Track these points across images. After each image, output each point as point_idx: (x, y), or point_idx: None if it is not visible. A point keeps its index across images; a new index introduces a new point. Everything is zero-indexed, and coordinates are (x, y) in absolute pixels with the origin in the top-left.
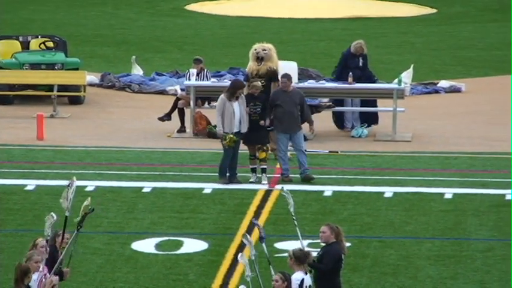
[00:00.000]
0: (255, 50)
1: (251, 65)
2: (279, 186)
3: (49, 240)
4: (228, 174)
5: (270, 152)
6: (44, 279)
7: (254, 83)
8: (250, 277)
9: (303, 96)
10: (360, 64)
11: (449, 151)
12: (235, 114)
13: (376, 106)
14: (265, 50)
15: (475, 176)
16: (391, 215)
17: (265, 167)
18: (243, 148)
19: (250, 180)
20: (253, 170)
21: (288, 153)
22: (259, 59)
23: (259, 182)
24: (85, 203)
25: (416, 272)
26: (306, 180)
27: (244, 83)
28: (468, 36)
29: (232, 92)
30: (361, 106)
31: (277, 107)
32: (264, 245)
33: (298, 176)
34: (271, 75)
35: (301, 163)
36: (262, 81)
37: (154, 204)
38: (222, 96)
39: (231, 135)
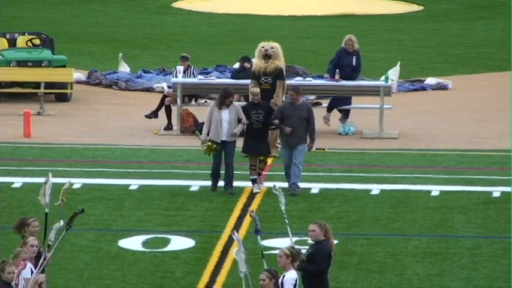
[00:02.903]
0: (263, 47)
1: (258, 63)
2: (267, 184)
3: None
4: (224, 182)
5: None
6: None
7: (251, 89)
8: (243, 273)
9: (311, 110)
10: (353, 63)
11: (436, 148)
12: (223, 123)
13: (350, 104)
14: (273, 48)
15: (462, 173)
16: (378, 213)
17: (261, 173)
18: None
19: (255, 191)
20: (254, 181)
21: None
22: (267, 56)
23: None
24: (65, 186)
25: (403, 269)
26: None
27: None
28: (455, 33)
29: (221, 101)
30: (335, 103)
31: (283, 120)
32: (259, 237)
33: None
34: (278, 74)
35: (292, 176)
36: (269, 79)
37: (141, 202)
38: (212, 103)
39: (209, 143)
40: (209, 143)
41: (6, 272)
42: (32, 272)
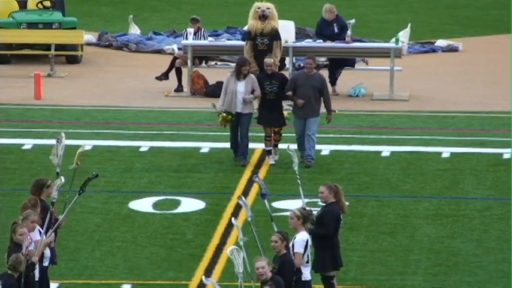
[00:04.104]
0: (259, 8)
1: (254, 24)
2: (281, 146)
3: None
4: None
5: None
6: (38, 237)
7: (266, 60)
8: (243, 241)
9: (325, 81)
10: (336, 31)
11: (447, 110)
12: (238, 94)
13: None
14: (269, 8)
15: (472, 135)
16: (388, 174)
17: (277, 144)
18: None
19: (270, 163)
20: (269, 152)
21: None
22: (264, 17)
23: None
24: (79, 150)
25: (414, 231)
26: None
27: (244, 43)
28: None
29: (237, 70)
30: (334, 73)
31: (296, 90)
32: (266, 201)
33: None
34: (274, 34)
35: (306, 147)
36: (266, 40)
37: (151, 164)
38: (229, 74)
39: (224, 114)
40: (224, 114)
41: (18, 233)
42: (40, 233)
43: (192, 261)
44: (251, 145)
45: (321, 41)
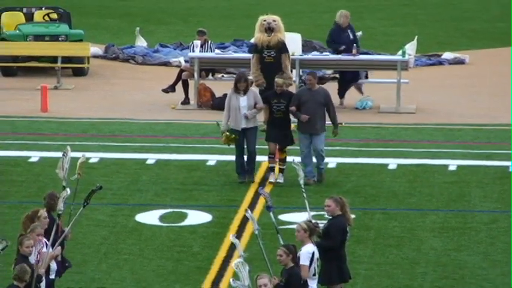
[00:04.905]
0: (265, 20)
1: (260, 37)
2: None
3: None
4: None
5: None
6: (44, 249)
7: (276, 79)
8: (243, 257)
9: (329, 95)
10: (351, 37)
11: (453, 123)
12: (241, 109)
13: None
14: (275, 20)
15: (479, 147)
16: (395, 187)
17: (283, 167)
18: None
19: (270, 180)
20: (272, 169)
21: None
22: (270, 29)
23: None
24: (80, 160)
25: (420, 243)
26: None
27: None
28: (472, 8)
29: (235, 86)
30: (344, 87)
31: (301, 106)
32: (271, 214)
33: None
34: (281, 47)
35: (315, 164)
36: (273, 53)
37: (158, 176)
38: (230, 91)
39: (227, 133)
40: (227, 133)
41: (24, 245)
42: (46, 245)
43: (199, 274)
44: (258, 158)
45: (328, 53)
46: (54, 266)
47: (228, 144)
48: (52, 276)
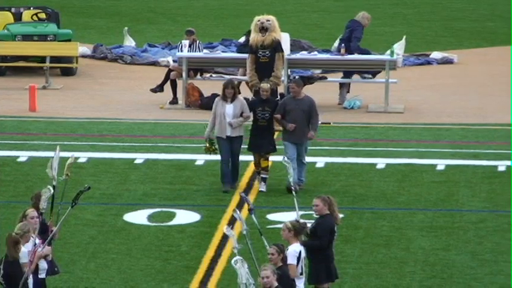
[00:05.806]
0: (259, 20)
1: (255, 37)
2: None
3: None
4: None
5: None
6: (38, 248)
7: (262, 84)
8: (237, 249)
9: (314, 104)
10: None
11: (442, 122)
12: (227, 117)
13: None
14: (269, 20)
15: (467, 147)
16: (383, 186)
17: (266, 176)
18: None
19: (261, 189)
20: (259, 173)
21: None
22: (264, 29)
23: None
24: (68, 161)
25: (409, 243)
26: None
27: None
28: (460, 7)
29: (222, 93)
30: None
31: (286, 115)
32: (253, 216)
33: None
34: (276, 46)
35: (299, 172)
36: (267, 52)
37: (146, 176)
38: (217, 98)
39: (207, 145)
40: (207, 145)
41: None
42: (35, 244)
43: (187, 274)
44: (246, 158)
45: (316, 52)
46: (44, 265)
47: (208, 153)
48: (42, 276)
